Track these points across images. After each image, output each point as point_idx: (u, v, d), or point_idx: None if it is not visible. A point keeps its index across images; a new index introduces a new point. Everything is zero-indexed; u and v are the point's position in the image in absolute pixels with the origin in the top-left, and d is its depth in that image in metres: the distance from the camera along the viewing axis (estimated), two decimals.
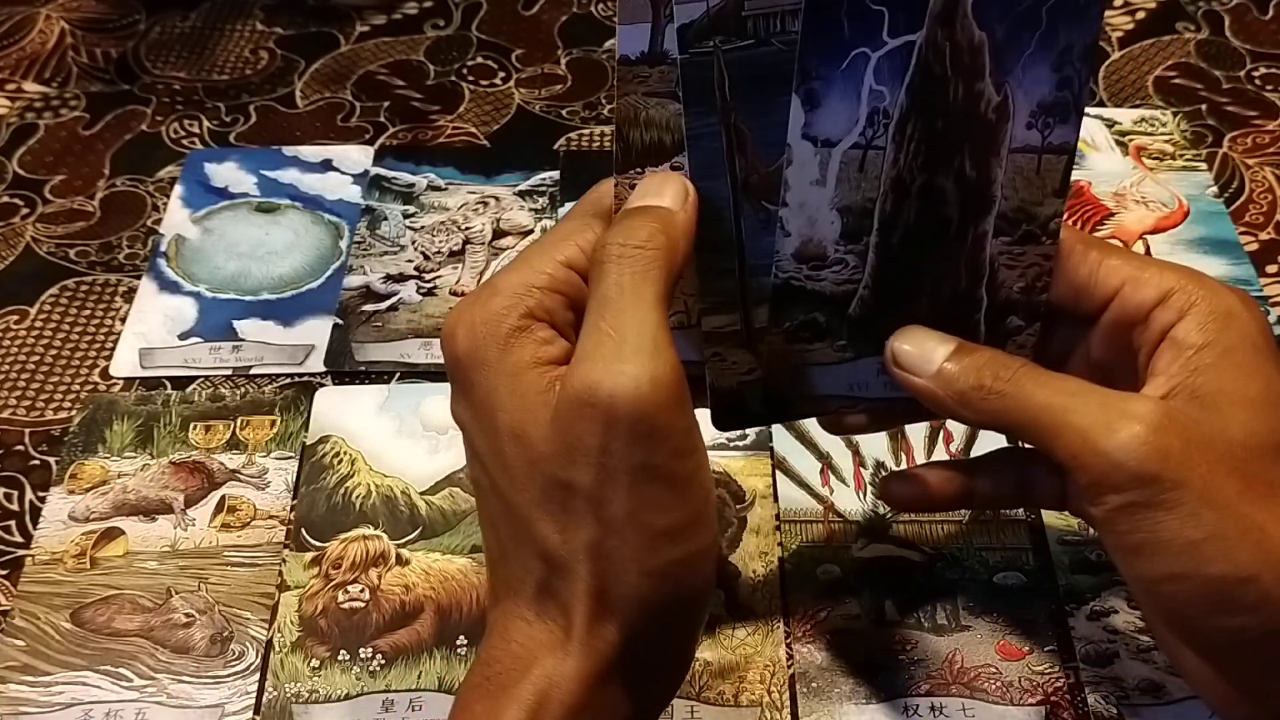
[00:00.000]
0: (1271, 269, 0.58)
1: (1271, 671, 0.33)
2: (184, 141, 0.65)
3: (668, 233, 0.33)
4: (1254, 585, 0.31)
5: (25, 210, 0.62)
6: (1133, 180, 0.62)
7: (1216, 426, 0.32)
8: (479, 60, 0.70)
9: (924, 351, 0.35)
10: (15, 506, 0.50)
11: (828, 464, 0.50)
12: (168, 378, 0.54)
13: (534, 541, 0.32)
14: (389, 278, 0.58)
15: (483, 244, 0.60)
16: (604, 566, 0.31)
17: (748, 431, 0.51)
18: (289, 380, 0.54)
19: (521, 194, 0.62)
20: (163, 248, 0.59)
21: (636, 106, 0.34)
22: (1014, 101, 0.33)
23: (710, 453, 0.50)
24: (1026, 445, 0.36)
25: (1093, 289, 0.35)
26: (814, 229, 0.35)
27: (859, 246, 0.35)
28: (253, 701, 0.44)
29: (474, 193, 0.62)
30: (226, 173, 0.63)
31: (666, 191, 0.34)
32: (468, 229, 0.60)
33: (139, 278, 0.58)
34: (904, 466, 0.50)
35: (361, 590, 0.47)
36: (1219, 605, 0.32)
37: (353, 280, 0.58)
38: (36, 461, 0.51)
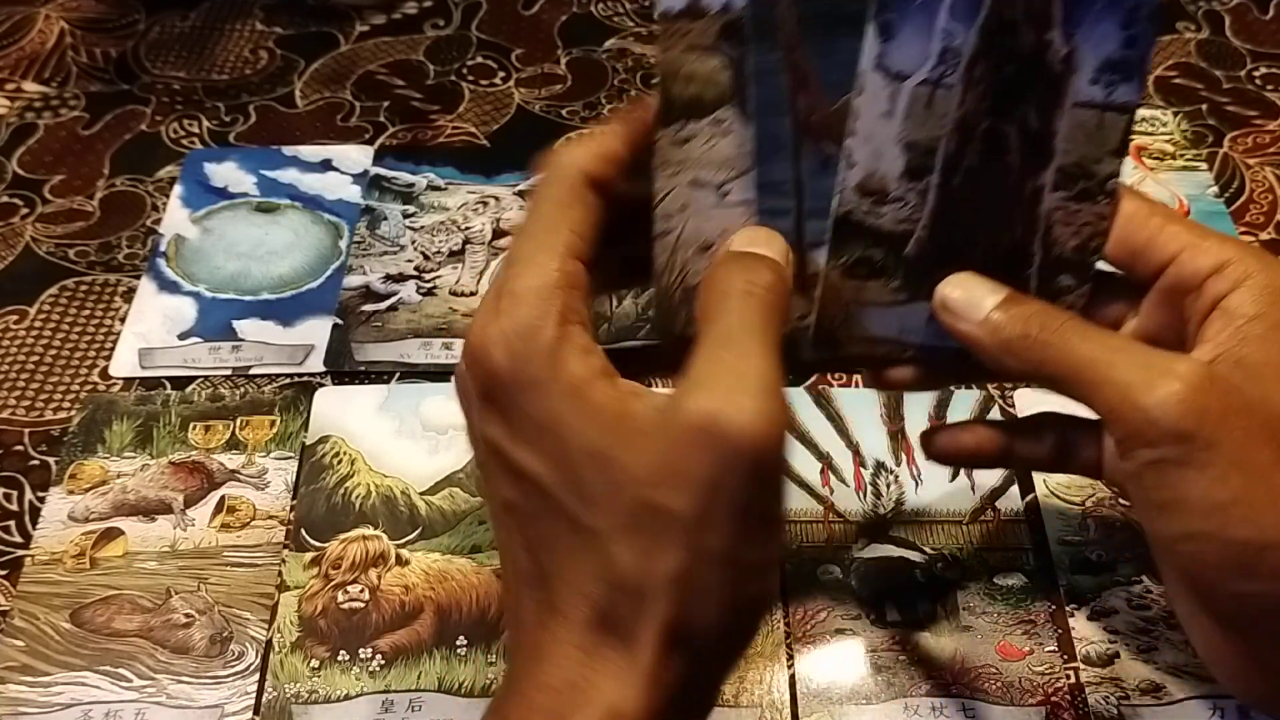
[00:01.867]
0: None
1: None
2: (183, 141, 0.65)
3: (784, 283, 0.33)
4: (1274, 553, 0.31)
5: (25, 210, 0.62)
6: (1133, 180, 0.62)
7: (1258, 395, 0.32)
8: (479, 60, 0.70)
9: (973, 298, 0.35)
10: (15, 507, 0.50)
11: (828, 464, 0.50)
12: (167, 378, 0.54)
13: (603, 565, 0.30)
14: (389, 278, 0.58)
15: (482, 244, 0.60)
16: (687, 597, 0.30)
17: None
18: (289, 380, 0.54)
19: (521, 194, 0.62)
20: (162, 248, 0.59)
21: (678, 61, 0.34)
22: (1080, 55, 0.34)
23: None
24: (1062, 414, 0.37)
25: (1150, 253, 0.35)
26: (879, 162, 0.35)
27: (920, 185, 0.35)
28: (252, 702, 0.44)
29: (474, 192, 0.62)
30: (226, 173, 0.63)
31: (774, 247, 0.34)
32: (467, 229, 0.60)
33: (138, 278, 0.58)
34: (904, 467, 0.50)
35: (361, 590, 0.47)
36: (1238, 569, 0.32)
37: (352, 280, 0.58)
38: (36, 461, 0.51)
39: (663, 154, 0.35)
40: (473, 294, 0.57)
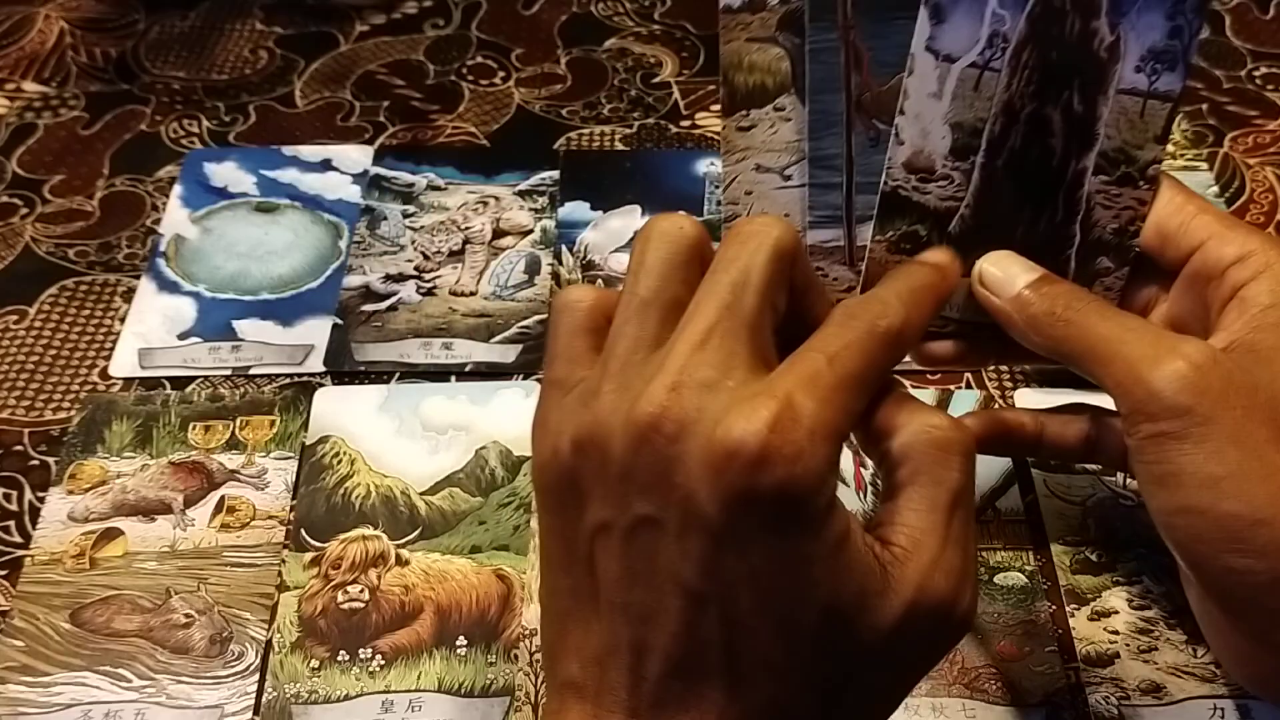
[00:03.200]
0: None
1: (1277, 621, 0.34)
2: (183, 141, 0.65)
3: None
4: (1266, 529, 0.32)
5: (24, 210, 0.62)
6: None
7: (1263, 378, 0.33)
8: (479, 60, 0.70)
9: (1008, 275, 0.36)
10: (14, 507, 0.49)
11: None
12: (167, 378, 0.54)
13: (765, 685, 0.29)
14: (388, 278, 0.58)
15: (482, 244, 0.60)
16: None
17: None
18: (288, 380, 0.54)
19: (521, 194, 0.62)
20: (162, 247, 0.59)
21: (739, 52, 0.36)
22: (1126, 43, 0.35)
23: None
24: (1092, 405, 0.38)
25: (1180, 239, 0.36)
26: (926, 141, 0.36)
27: (965, 165, 0.36)
28: (252, 702, 0.44)
29: (474, 192, 0.62)
30: (226, 172, 0.63)
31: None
32: (467, 229, 0.60)
33: (138, 278, 0.58)
34: None
35: (361, 590, 0.46)
36: (1229, 543, 0.32)
37: (352, 280, 0.58)
38: (35, 462, 0.51)
39: (728, 141, 0.37)
40: (472, 294, 0.57)
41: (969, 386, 0.53)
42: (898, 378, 0.33)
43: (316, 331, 0.56)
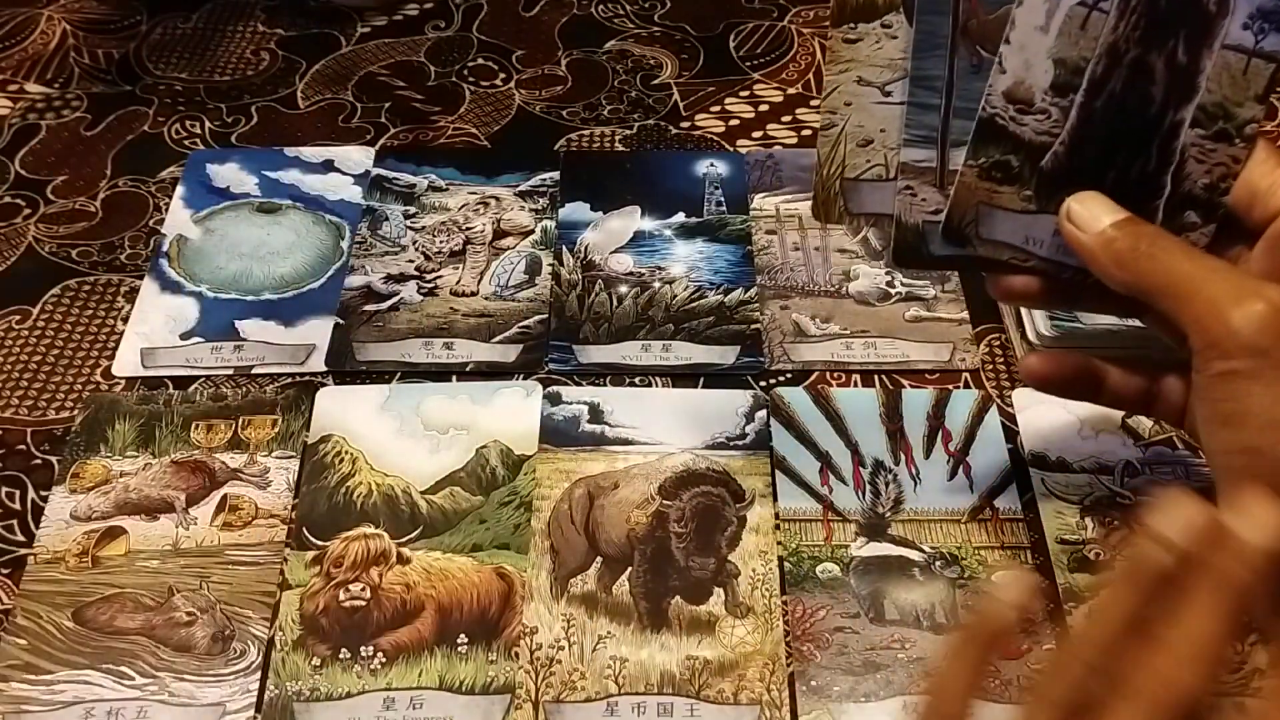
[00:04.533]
0: None
1: None
2: (185, 142, 0.65)
3: None
4: None
5: (27, 210, 0.62)
6: None
7: None
8: (480, 61, 0.71)
9: (1094, 213, 0.37)
10: (17, 506, 0.50)
11: (827, 464, 0.51)
12: (169, 377, 0.54)
13: None
14: (390, 278, 0.58)
15: (483, 244, 0.60)
16: None
17: (747, 431, 0.52)
18: (290, 380, 0.54)
19: (522, 194, 0.62)
20: (164, 248, 0.60)
21: None
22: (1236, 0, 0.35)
23: (710, 452, 0.51)
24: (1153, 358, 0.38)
25: (1269, 199, 0.37)
26: (1028, 72, 0.37)
27: (1064, 101, 0.37)
28: (254, 700, 0.44)
29: (475, 193, 0.63)
30: (228, 173, 0.63)
31: None
32: (468, 229, 0.61)
33: (141, 278, 0.58)
34: (902, 466, 0.50)
35: (362, 589, 0.47)
36: None
37: (354, 280, 0.58)
38: (39, 461, 0.51)
39: (833, 52, 0.38)
40: (473, 294, 0.57)
41: (967, 386, 0.54)
42: None
43: (318, 331, 0.56)
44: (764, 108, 0.68)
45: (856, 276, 0.58)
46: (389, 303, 0.57)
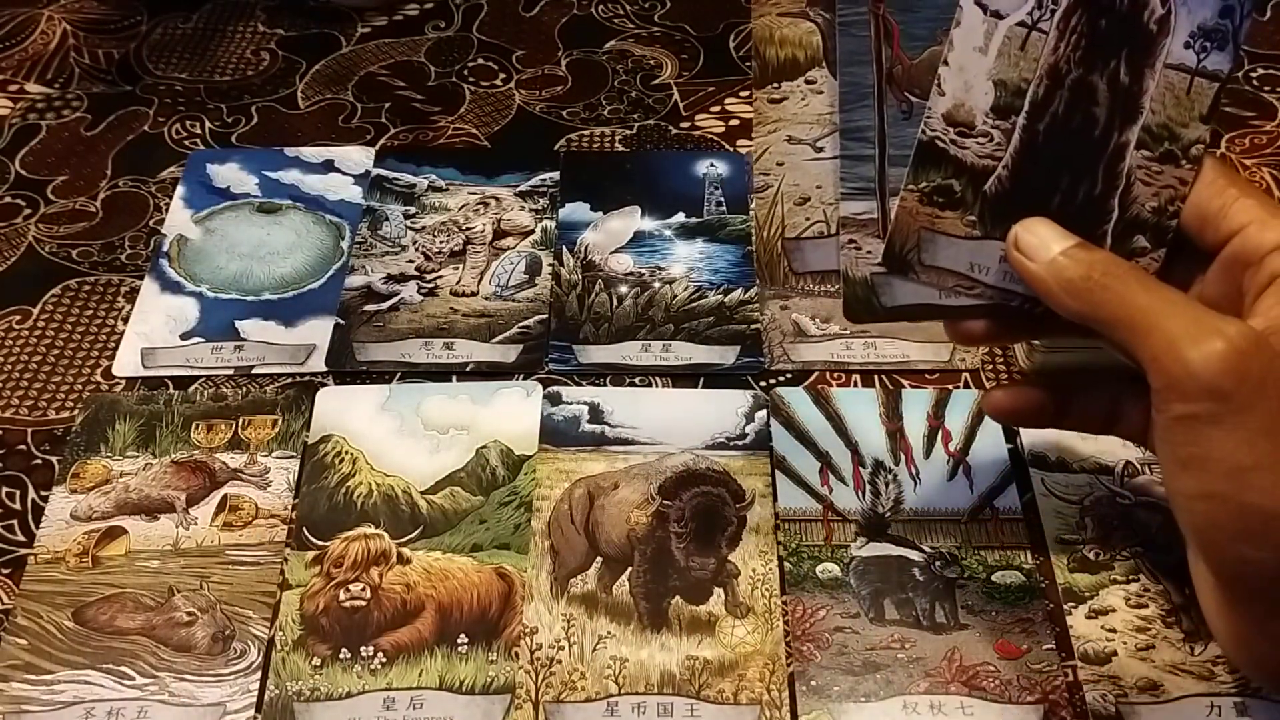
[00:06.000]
0: None
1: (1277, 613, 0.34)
2: (186, 142, 0.65)
3: None
4: None
5: (28, 211, 0.62)
6: None
7: None
8: (480, 61, 0.71)
9: (1043, 240, 0.36)
10: (18, 506, 0.50)
11: (827, 464, 0.51)
12: (170, 377, 0.54)
13: None
14: (390, 278, 0.58)
15: (484, 244, 0.60)
16: None
17: (747, 431, 0.52)
18: (290, 380, 0.54)
19: (522, 194, 0.62)
20: (165, 248, 0.60)
21: (770, 26, 0.37)
22: (1176, 17, 0.35)
23: (710, 452, 0.51)
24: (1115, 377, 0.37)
25: (1219, 222, 0.36)
26: (968, 94, 0.36)
27: (1006, 124, 0.36)
28: (254, 700, 0.44)
29: (475, 193, 0.63)
30: (228, 173, 0.63)
31: None
32: (469, 229, 0.61)
33: (141, 278, 0.58)
34: (902, 466, 0.50)
35: (363, 589, 0.47)
36: (1246, 534, 0.32)
37: (354, 280, 0.58)
38: (39, 461, 0.51)
39: (760, 114, 0.37)
40: (474, 294, 0.57)
41: (966, 386, 0.54)
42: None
43: (318, 331, 0.56)
44: None
45: None
46: (389, 303, 0.57)
